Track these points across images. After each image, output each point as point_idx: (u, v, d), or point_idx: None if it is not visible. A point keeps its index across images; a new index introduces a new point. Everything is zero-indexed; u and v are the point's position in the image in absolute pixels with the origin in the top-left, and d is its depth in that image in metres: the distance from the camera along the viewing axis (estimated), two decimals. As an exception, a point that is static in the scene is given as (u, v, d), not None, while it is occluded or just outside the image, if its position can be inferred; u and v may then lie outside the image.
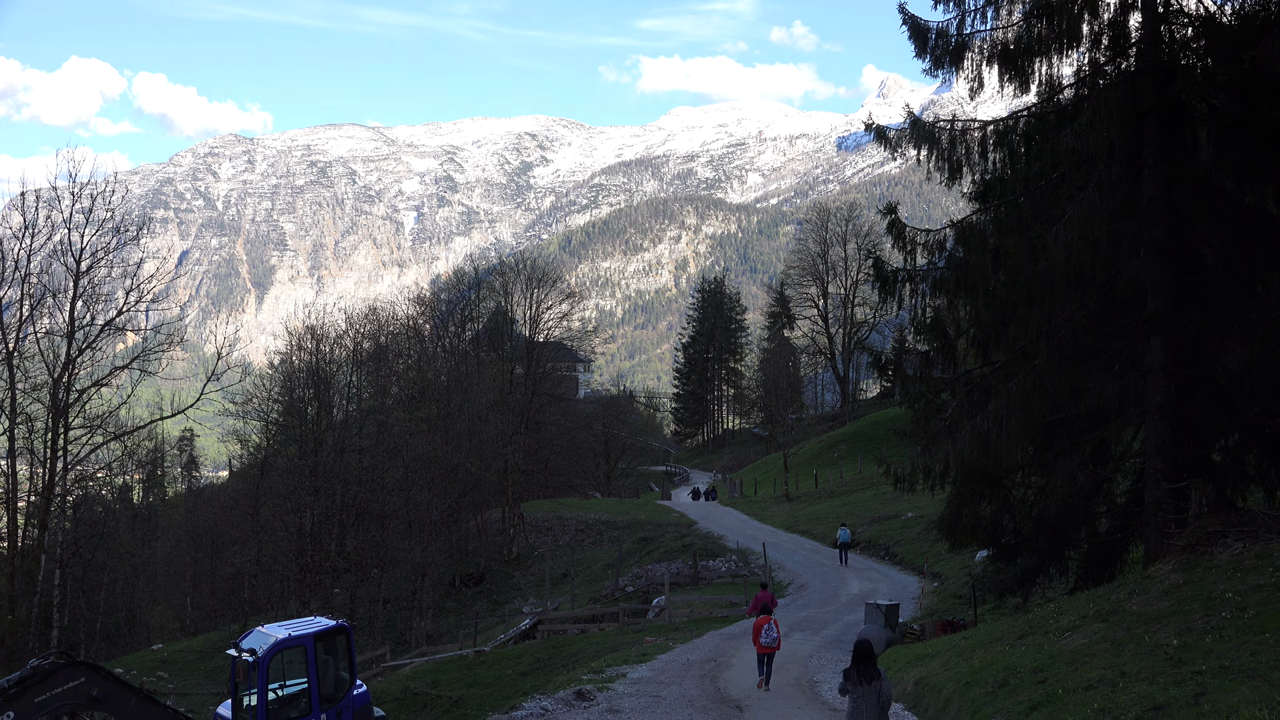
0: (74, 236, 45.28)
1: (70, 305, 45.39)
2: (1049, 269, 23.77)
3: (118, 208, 46.52)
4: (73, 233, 45.36)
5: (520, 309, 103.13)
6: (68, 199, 45.25)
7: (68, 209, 45.15)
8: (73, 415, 45.88)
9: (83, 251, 45.38)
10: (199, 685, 53.95)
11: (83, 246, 45.38)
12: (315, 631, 18.83)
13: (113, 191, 46.67)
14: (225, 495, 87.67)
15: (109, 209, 46.73)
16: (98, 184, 46.96)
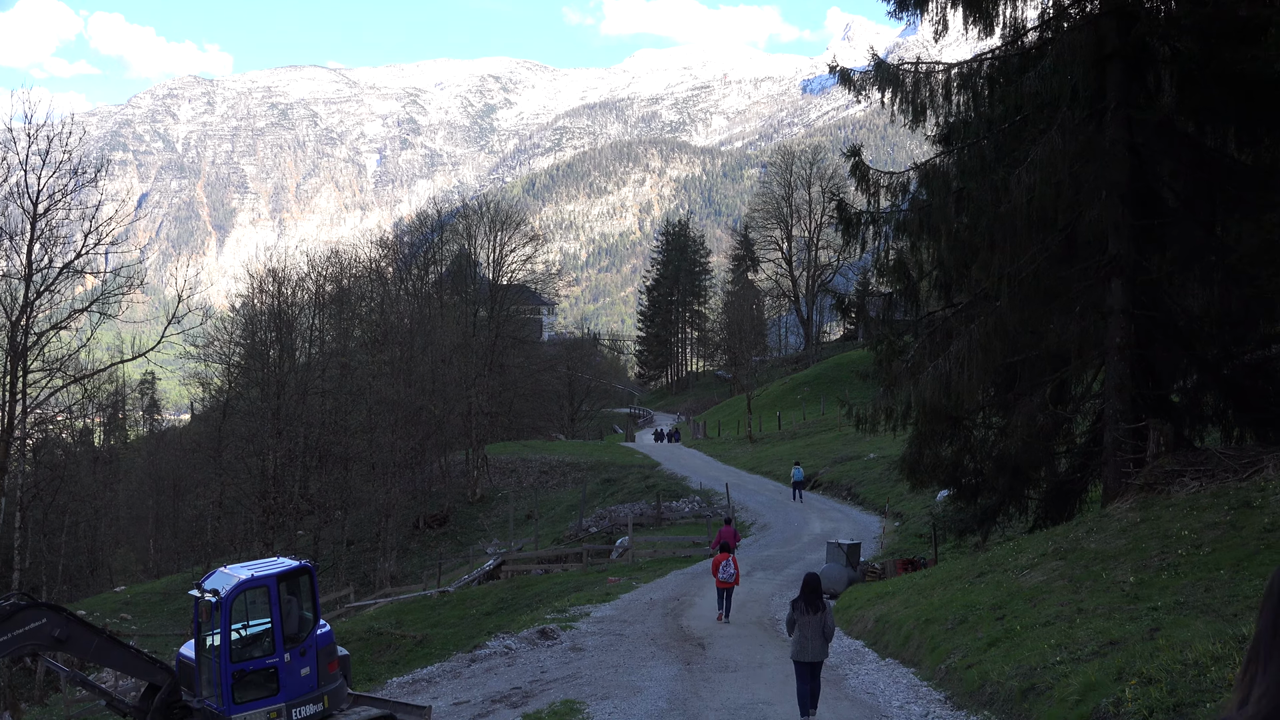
0: (30, 179, 44.59)
1: (28, 248, 44.80)
2: (1011, 211, 23.83)
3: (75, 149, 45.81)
4: (29, 175, 44.65)
5: (484, 252, 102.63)
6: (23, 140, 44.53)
7: (24, 151, 44.44)
8: (31, 358, 45.41)
9: (40, 194, 44.73)
10: (162, 627, 53.95)
11: (40, 189, 44.73)
12: (278, 572, 18.79)
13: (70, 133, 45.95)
14: (187, 438, 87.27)
15: (66, 151, 46.06)
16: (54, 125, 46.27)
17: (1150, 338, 25.32)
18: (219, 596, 18.05)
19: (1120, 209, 24.12)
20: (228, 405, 69.25)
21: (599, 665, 20.73)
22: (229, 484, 63.44)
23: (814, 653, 15.78)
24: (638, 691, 17.43)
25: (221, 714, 17.97)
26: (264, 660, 18.38)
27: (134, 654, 19.09)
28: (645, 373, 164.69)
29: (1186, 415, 27.40)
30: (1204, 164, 24.39)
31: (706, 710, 15.64)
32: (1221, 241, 23.32)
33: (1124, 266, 24.18)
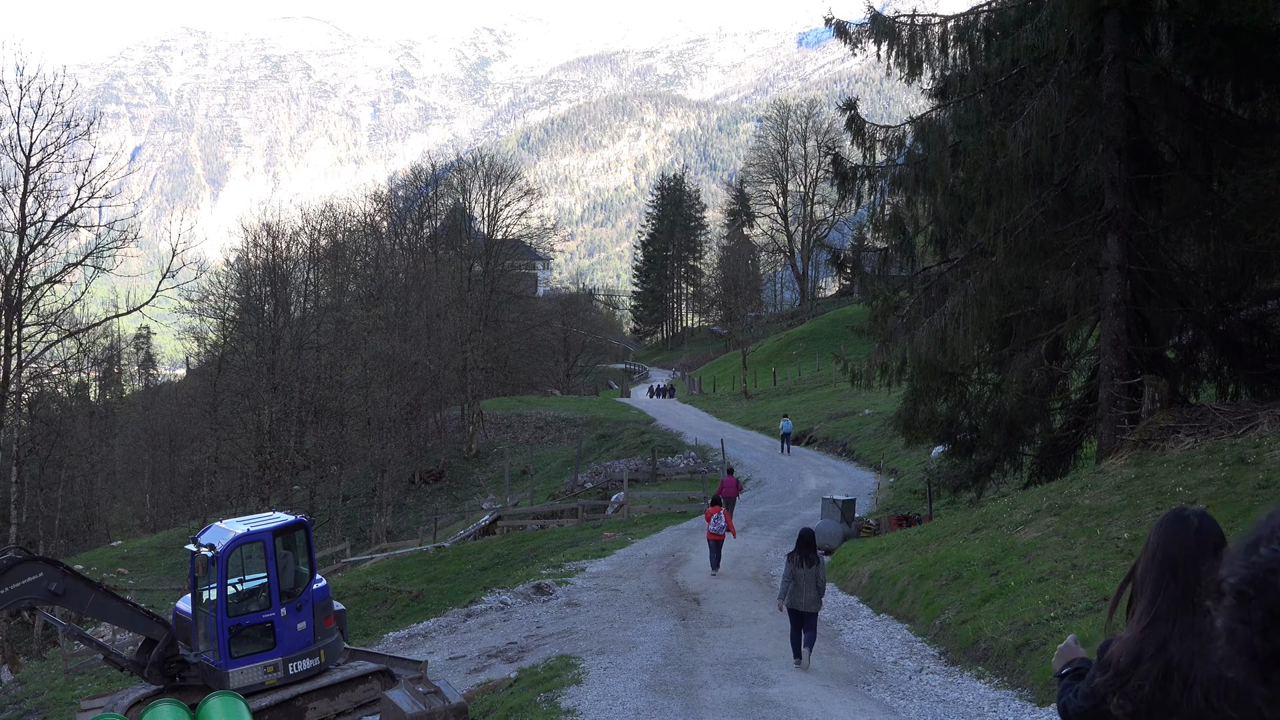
0: (23, 131, 44.32)
1: (21, 201, 44.58)
2: (1007, 166, 23.74)
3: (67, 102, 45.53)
4: (21, 127, 44.37)
5: (479, 206, 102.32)
6: (15, 92, 44.34)
7: (16, 103, 44.15)
8: (26, 312, 45.30)
9: (32, 146, 44.47)
10: (159, 581, 54.11)
11: (32, 141, 44.46)
12: (274, 527, 18.82)
13: (62, 85, 45.67)
14: (183, 393, 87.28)
15: (58, 103, 45.79)
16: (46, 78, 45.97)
17: (1146, 293, 25.30)
18: (215, 551, 18.08)
19: (1117, 163, 24.04)
20: (223, 360, 69.23)
21: (594, 620, 20.80)
22: (225, 439, 63.47)
23: (808, 603, 16.39)
24: (633, 646, 17.49)
25: (218, 668, 18.04)
26: (260, 615, 18.44)
27: (131, 608, 19.13)
28: (640, 328, 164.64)
29: (1182, 371, 27.43)
30: (1201, 118, 24.30)
31: (701, 665, 15.71)
32: (1218, 196, 23.25)
33: (1120, 221, 24.12)
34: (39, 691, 30.33)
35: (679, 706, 13.08)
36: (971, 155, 24.90)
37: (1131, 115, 24.22)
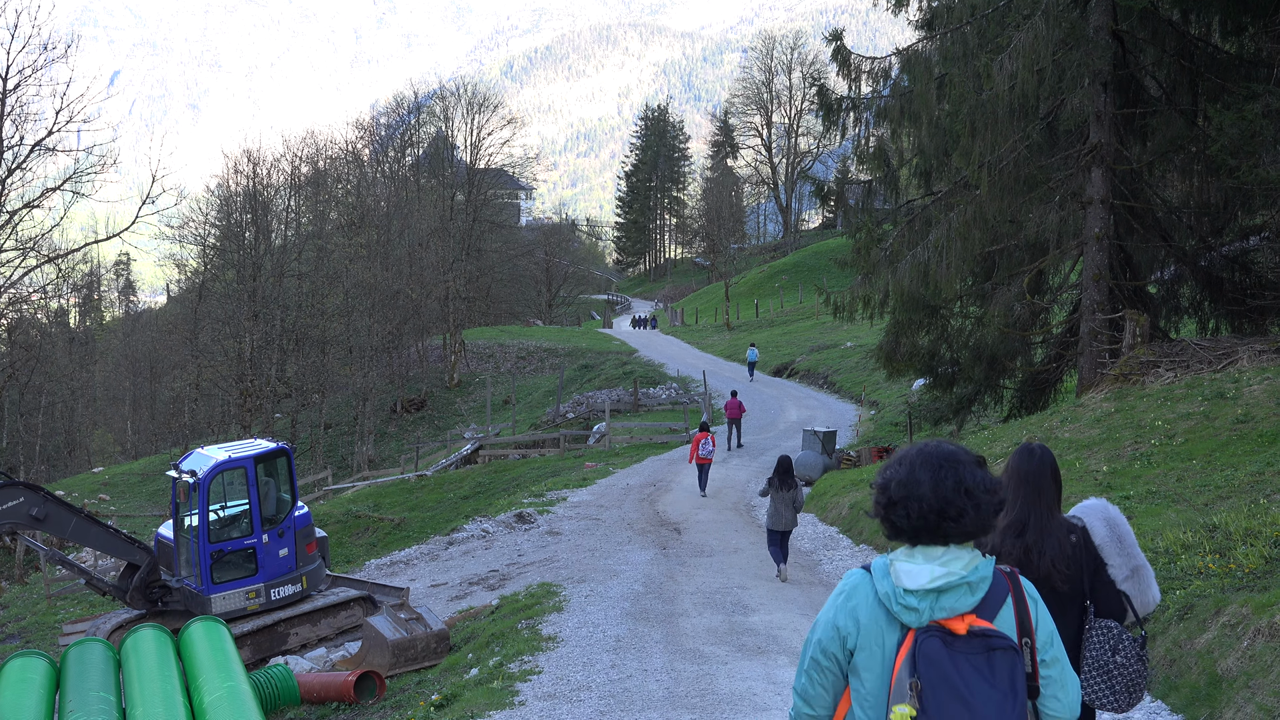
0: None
1: (-3, 125, 44.19)
2: (993, 99, 23.64)
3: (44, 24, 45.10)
4: (-3, 49, 43.90)
5: (461, 135, 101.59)
6: (-9, 13, 43.70)
7: (-9, 25, 43.68)
8: (4, 237, 44.99)
9: (9, 69, 43.95)
10: (140, 507, 54.21)
11: (9, 64, 43.94)
12: (256, 454, 18.85)
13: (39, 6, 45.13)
14: (163, 320, 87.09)
15: (35, 25, 45.39)
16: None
17: (1129, 228, 25.32)
18: (197, 477, 18.12)
19: (1102, 97, 23.97)
20: (203, 287, 69.00)
21: (576, 549, 20.91)
22: (206, 366, 63.43)
23: (785, 523, 18.01)
24: (614, 575, 17.60)
25: (200, 593, 18.13)
26: (242, 541, 18.52)
27: (113, 533, 19.19)
28: (623, 259, 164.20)
29: (1163, 306, 27.52)
30: (1188, 52, 24.20)
31: (682, 594, 15.83)
32: (1203, 132, 23.20)
33: (1104, 156, 24.08)
34: (21, 616, 30.44)
35: (660, 634, 13.19)
36: (957, 88, 24.78)
37: (1118, 49, 24.11)
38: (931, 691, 3.50)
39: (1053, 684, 3.80)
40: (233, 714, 11.58)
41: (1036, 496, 5.47)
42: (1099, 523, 5.58)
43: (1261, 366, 19.52)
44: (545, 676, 11.50)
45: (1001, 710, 3.51)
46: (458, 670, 13.45)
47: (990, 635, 3.59)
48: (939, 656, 3.54)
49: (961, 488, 3.70)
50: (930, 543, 3.70)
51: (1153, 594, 5.59)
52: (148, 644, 14.03)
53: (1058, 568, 5.30)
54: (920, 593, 3.62)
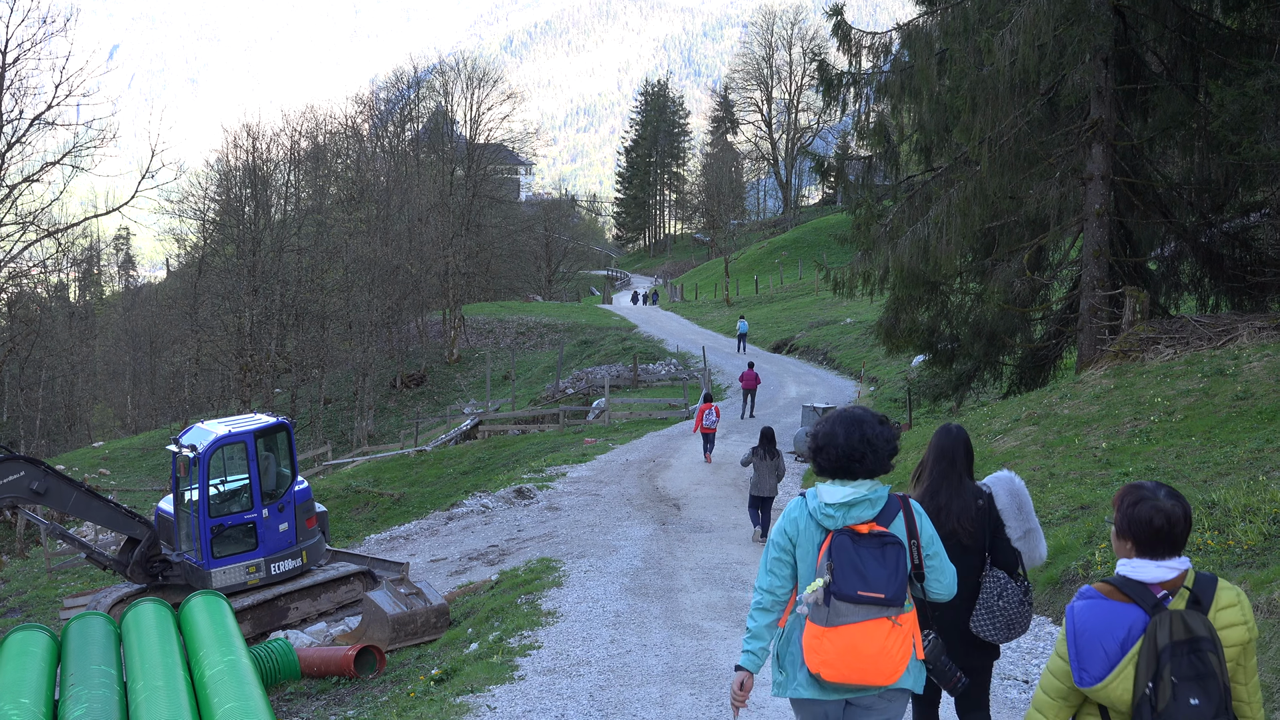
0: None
1: (-4, 98, 44.03)
2: (994, 74, 23.58)
3: (44, -3, 44.83)
4: (-4, 23, 43.76)
5: (460, 110, 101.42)
6: (-10, -13, 43.51)
7: (-11, -2, 43.48)
8: (3, 211, 44.90)
9: (8, 43, 43.80)
10: (141, 482, 54.27)
11: (8, 37, 43.80)
12: (256, 428, 18.85)
13: (38, -21, 44.93)
14: (163, 295, 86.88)
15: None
16: (22, -29, 45.24)
17: (1129, 204, 25.29)
18: (197, 452, 18.13)
19: (1103, 73, 23.91)
20: (203, 262, 68.92)
21: (575, 525, 20.94)
22: (206, 341, 63.41)
23: (768, 489, 18.99)
24: (613, 550, 17.63)
25: (201, 568, 18.17)
26: (242, 515, 18.54)
27: (113, 508, 19.21)
28: (623, 235, 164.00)
29: (1163, 283, 27.52)
30: (1189, 28, 24.14)
31: (681, 569, 15.86)
32: (1204, 108, 23.16)
33: (1105, 131, 24.04)
34: (22, 590, 30.51)
35: (659, 609, 13.22)
36: (958, 63, 24.72)
37: (1119, 24, 24.03)
38: (839, 568, 5.23)
39: (934, 570, 5.65)
40: (233, 687, 11.62)
41: (950, 467, 6.74)
42: (1003, 492, 7.04)
43: (1261, 343, 19.53)
44: (545, 651, 11.54)
45: (887, 582, 5.23)
46: (457, 645, 13.49)
47: (884, 535, 5.35)
48: (846, 546, 5.29)
49: (864, 440, 5.44)
50: (843, 477, 5.46)
51: (1040, 551, 7.22)
52: (148, 618, 14.06)
53: (963, 525, 6.55)
54: (836, 506, 5.40)
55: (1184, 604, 4.29)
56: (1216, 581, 4.39)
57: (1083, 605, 4.37)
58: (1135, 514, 4.37)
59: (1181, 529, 4.35)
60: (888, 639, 5.22)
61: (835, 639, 5.19)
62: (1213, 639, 4.20)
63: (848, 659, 5.19)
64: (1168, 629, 4.18)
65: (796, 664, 5.41)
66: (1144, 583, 4.32)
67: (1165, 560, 4.34)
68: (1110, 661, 4.26)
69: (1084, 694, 4.41)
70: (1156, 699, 4.14)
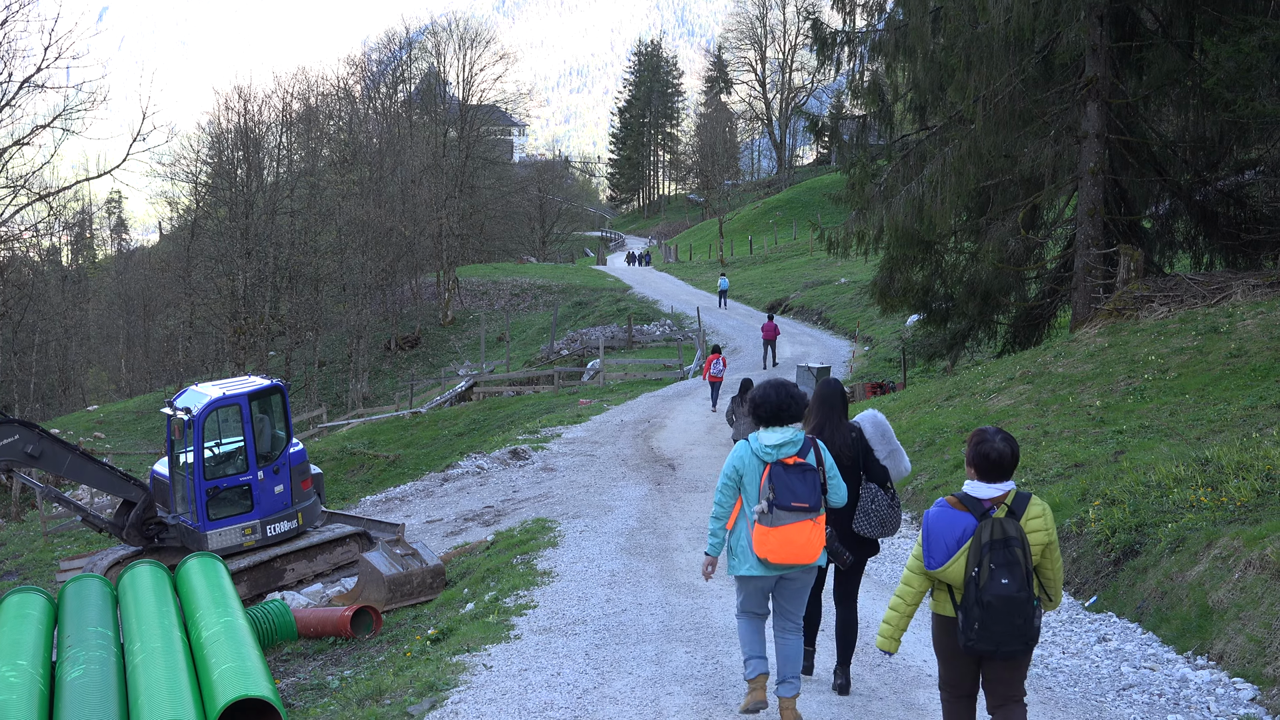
0: (-15, -12, 43.36)
1: (-16, 61, 43.72)
2: (988, 32, 23.49)
3: (31, -43, 44.49)
4: (-18, -17, 43.41)
5: (453, 71, 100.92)
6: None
7: (-23, -43, 43.12)
8: (-6, 175, 44.74)
9: (-4, 4, 43.52)
10: (136, 445, 54.30)
11: (-4, -1, 43.53)
12: (250, 391, 18.82)
13: (25, -61, 44.54)
14: (156, 258, 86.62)
15: (22, -42, 44.78)
16: (8, -69, 44.78)
17: (1124, 162, 25.24)
18: (192, 415, 18.10)
19: (1098, 30, 23.81)
20: (195, 225, 68.72)
21: (570, 485, 20.96)
22: (199, 304, 63.32)
23: (745, 432, 18.37)
24: (609, 510, 17.65)
25: (196, 530, 18.18)
26: (237, 478, 18.53)
27: (109, 470, 19.21)
28: (617, 196, 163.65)
29: (1157, 241, 27.52)
30: (1185, -16, 24.03)
31: (676, 529, 15.88)
32: (1199, 65, 23.07)
33: (1100, 89, 23.96)
34: (18, 553, 30.57)
35: (654, 569, 13.25)
36: (953, 21, 24.62)
37: (1115, -19, 23.94)
38: (778, 488, 7.46)
39: (834, 488, 7.89)
40: (230, 649, 11.65)
41: (831, 410, 8.69)
42: (869, 425, 9.02)
43: (1255, 301, 19.54)
44: (541, 611, 11.57)
45: (809, 496, 7.47)
46: (453, 605, 13.52)
47: (804, 465, 7.58)
48: (780, 474, 7.52)
49: (790, 397, 7.73)
50: (775, 425, 7.73)
51: (904, 466, 9.23)
52: (145, 580, 14.09)
53: (843, 451, 8.46)
54: (772, 446, 7.64)
55: (1004, 514, 6.06)
56: (1030, 499, 6.16)
57: (933, 512, 6.24)
58: (977, 451, 6.13)
59: (1009, 462, 6.08)
60: (811, 533, 7.52)
61: (777, 534, 7.45)
62: (1021, 539, 5.97)
63: (786, 548, 7.49)
64: (989, 531, 5.97)
65: (746, 552, 7.68)
66: (978, 498, 6.11)
67: (996, 484, 6.09)
68: (949, 552, 6.10)
69: (934, 577, 6.24)
70: (979, 579, 5.93)
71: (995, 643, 5.97)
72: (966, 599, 6.00)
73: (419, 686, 9.61)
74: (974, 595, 5.95)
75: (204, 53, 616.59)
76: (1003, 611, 5.90)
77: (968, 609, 6.00)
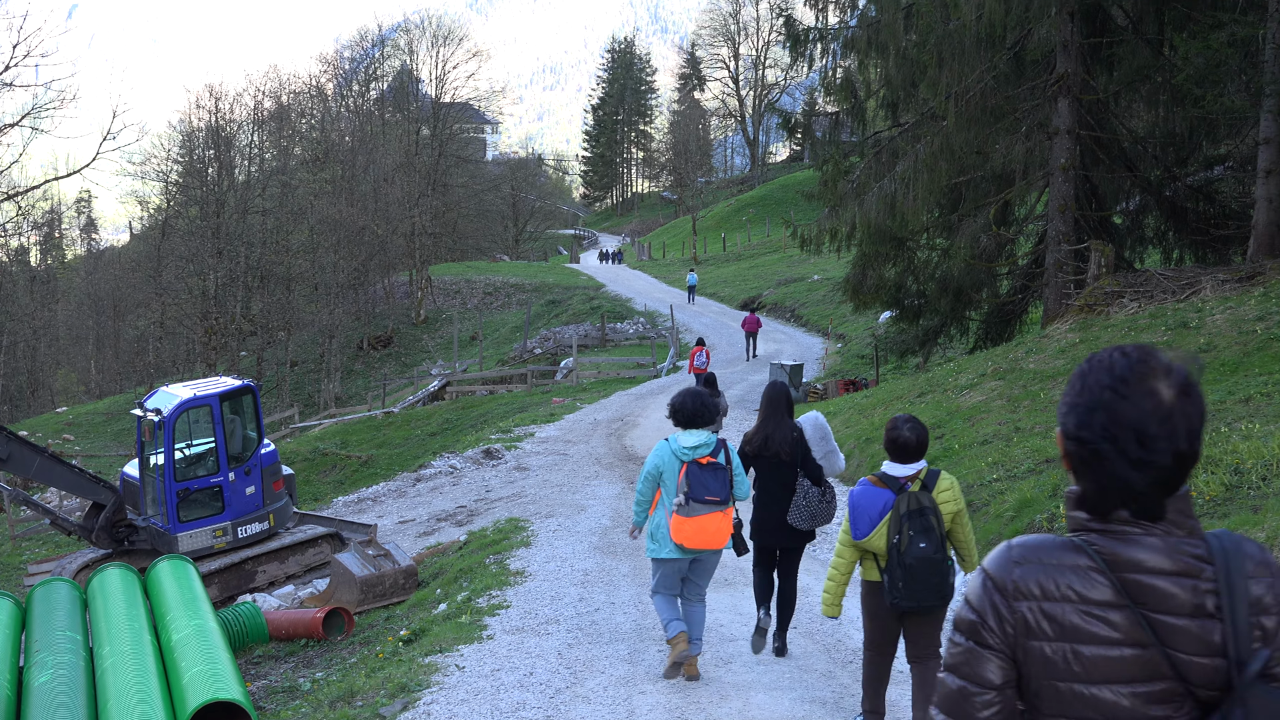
0: (-48, -14, 43.01)
1: (-48, 60, 43.38)
2: (960, 29, 23.53)
3: (-2, -45, 44.15)
4: (-50, -18, 43.06)
5: (426, 68, 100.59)
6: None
7: (-56, -45, 42.76)
8: (-38, 175, 44.39)
9: (-37, 3, 43.17)
10: (106, 447, 53.98)
11: (-38, -3, 43.17)
12: (221, 391, 18.72)
13: (-8, -63, 44.25)
14: (126, 258, 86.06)
15: (-11, -44, 44.52)
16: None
17: (1095, 158, 25.33)
18: (162, 416, 17.98)
19: (1069, 26, 23.89)
20: (166, 224, 68.33)
21: (543, 484, 20.91)
22: (170, 304, 62.95)
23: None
24: (582, 510, 17.62)
25: (167, 532, 18.07)
26: (208, 479, 18.42)
27: (77, 473, 19.08)
28: (590, 194, 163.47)
29: (1128, 237, 27.63)
30: (1155, -19, 24.13)
31: (649, 527, 15.87)
32: (1169, 61, 23.17)
33: (1071, 86, 24.03)
34: (-13, 556, 30.33)
35: (627, 568, 13.23)
36: (925, 17, 24.66)
37: (1085, -23, 24.01)
38: (693, 484, 8.58)
39: (739, 483, 9.00)
40: (201, 651, 11.57)
41: (775, 410, 9.53)
42: (810, 426, 9.92)
43: (1224, 296, 19.61)
44: (513, 611, 11.53)
45: (718, 491, 8.63)
46: (426, 606, 13.47)
47: (715, 464, 8.71)
48: (696, 471, 8.65)
49: (703, 404, 8.86)
50: (691, 427, 8.87)
51: (838, 465, 10.23)
52: (114, 583, 13.99)
53: (783, 449, 9.28)
54: (689, 447, 8.75)
55: (918, 488, 7.03)
56: (940, 474, 7.20)
57: (857, 490, 7.23)
58: (889, 437, 7.21)
59: (914, 446, 7.12)
60: (720, 522, 8.71)
61: (692, 524, 8.60)
62: (934, 509, 6.95)
63: (699, 535, 8.65)
64: (906, 503, 6.94)
65: (665, 538, 8.77)
66: (895, 476, 7.13)
67: (909, 464, 7.14)
68: (873, 523, 7.06)
69: (860, 546, 7.23)
70: (900, 544, 6.86)
71: (916, 599, 6.95)
72: (890, 563, 6.96)
73: (391, 688, 9.57)
74: (896, 559, 6.91)
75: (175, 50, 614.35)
76: (922, 572, 6.88)
77: (891, 571, 6.96)
